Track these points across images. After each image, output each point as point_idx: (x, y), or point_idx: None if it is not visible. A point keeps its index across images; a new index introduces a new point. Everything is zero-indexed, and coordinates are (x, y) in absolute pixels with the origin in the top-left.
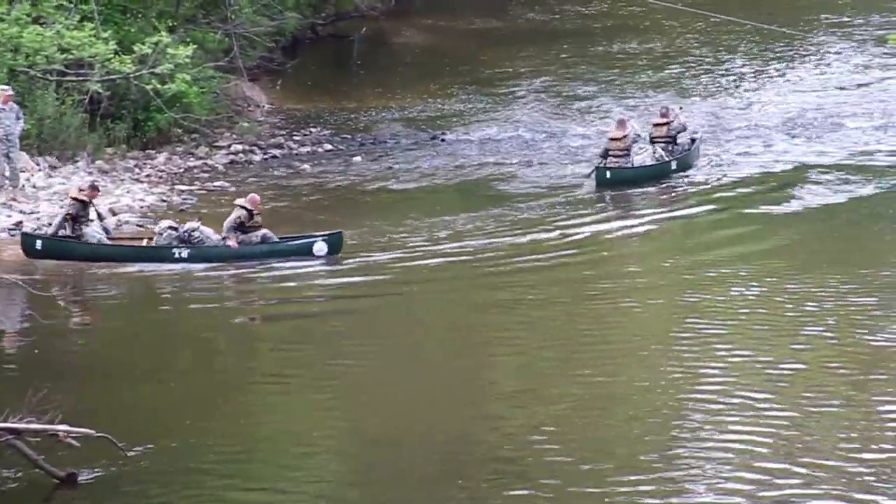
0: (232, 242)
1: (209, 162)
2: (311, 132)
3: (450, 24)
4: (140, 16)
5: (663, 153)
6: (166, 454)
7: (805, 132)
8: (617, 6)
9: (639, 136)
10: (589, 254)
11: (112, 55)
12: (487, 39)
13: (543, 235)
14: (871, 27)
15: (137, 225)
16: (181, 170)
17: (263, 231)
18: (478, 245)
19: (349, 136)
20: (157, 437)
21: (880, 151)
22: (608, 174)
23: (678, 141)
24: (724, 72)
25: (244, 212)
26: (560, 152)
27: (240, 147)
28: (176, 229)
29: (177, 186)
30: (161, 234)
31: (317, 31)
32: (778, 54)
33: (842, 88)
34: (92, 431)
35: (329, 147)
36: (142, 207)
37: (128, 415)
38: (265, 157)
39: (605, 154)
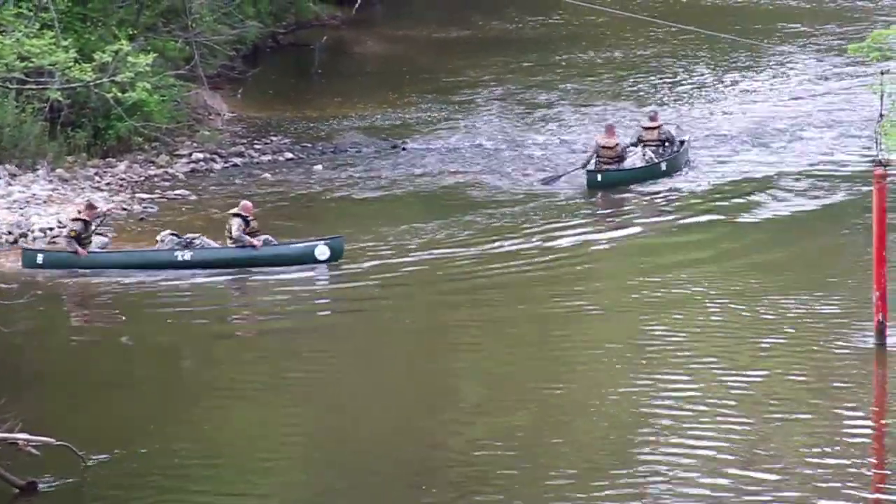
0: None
1: (170, 170)
2: (272, 141)
3: (411, 34)
4: (100, 24)
5: (653, 155)
6: (127, 462)
7: (765, 141)
8: (577, 16)
9: (627, 148)
10: (556, 263)
11: (72, 63)
12: (448, 48)
13: (509, 244)
14: (830, 36)
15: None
16: (142, 178)
17: (265, 236)
18: (443, 254)
19: (310, 145)
20: (118, 445)
21: (839, 161)
22: (599, 177)
23: (667, 145)
24: (683, 82)
25: (240, 220)
26: (521, 161)
27: (200, 155)
28: (178, 236)
29: (137, 195)
30: (163, 241)
31: (278, 39)
32: (737, 64)
33: (800, 98)
34: (52, 440)
35: (290, 155)
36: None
37: (89, 423)
38: (226, 165)
39: (595, 160)
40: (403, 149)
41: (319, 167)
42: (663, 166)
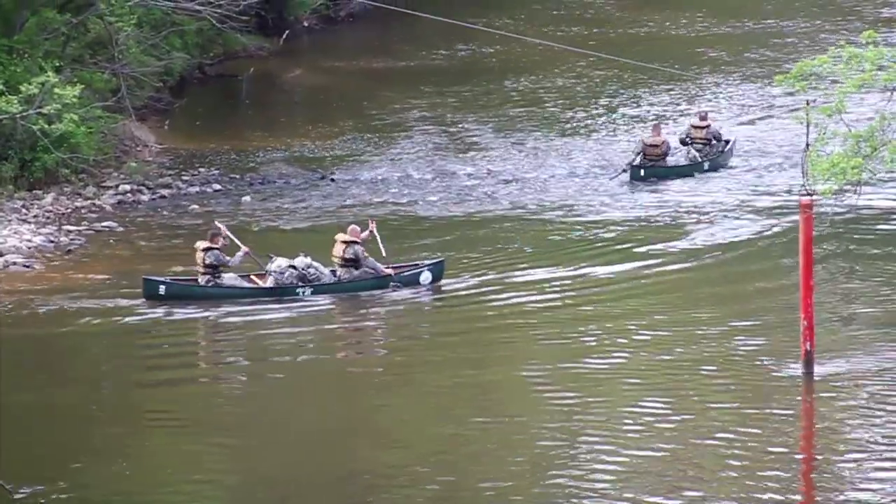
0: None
1: (97, 202)
2: (199, 172)
3: (338, 64)
4: (26, 56)
5: (696, 154)
6: (56, 495)
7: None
8: (505, 47)
9: (671, 147)
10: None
11: None
12: (376, 79)
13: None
14: (760, 64)
15: None
16: (69, 210)
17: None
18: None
19: (238, 176)
20: (48, 479)
21: (768, 190)
22: (642, 172)
23: (712, 144)
24: (611, 112)
25: (360, 247)
26: (449, 191)
27: (128, 187)
28: (295, 268)
29: (64, 227)
30: (282, 274)
31: (205, 70)
32: (666, 94)
33: (730, 126)
34: None
35: (218, 187)
36: (29, 248)
37: (17, 456)
38: (153, 197)
39: (641, 157)
40: (332, 179)
41: (247, 198)
42: (706, 165)
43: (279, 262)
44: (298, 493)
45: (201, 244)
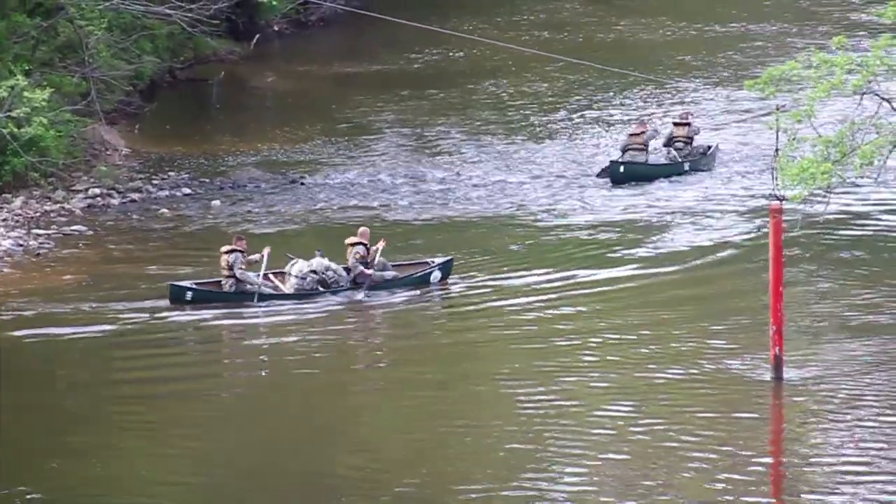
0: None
1: (66, 206)
2: (169, 176)
3: (309, 69)
4: None
5: (676, 154)
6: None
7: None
8: (477, 51)
9: (656, 131)
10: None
11: None
12: (347, 84)
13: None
14: (728, 69)
15: None
16: (38, 214)
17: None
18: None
19: (208, 180)
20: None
21: (738, 195)
22: (622, 169)
23: (693, 143)
24: (582, 116)
25: (362, 247)
26: (420, 195)
27: (98, 191)
28: (315, 272)
29: (34, 230)
30: (304, 280)
31: (175, 74)
32: (638, 99)
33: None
34: None
35: (188, 191)
36: None
37: None
38: (123, 201)
39: (625, 149)
40: (302, 184)
41: (218, 202)
42: (686, 165)
43: (300, 266)
44: (267, 494)
45: (225, 247)
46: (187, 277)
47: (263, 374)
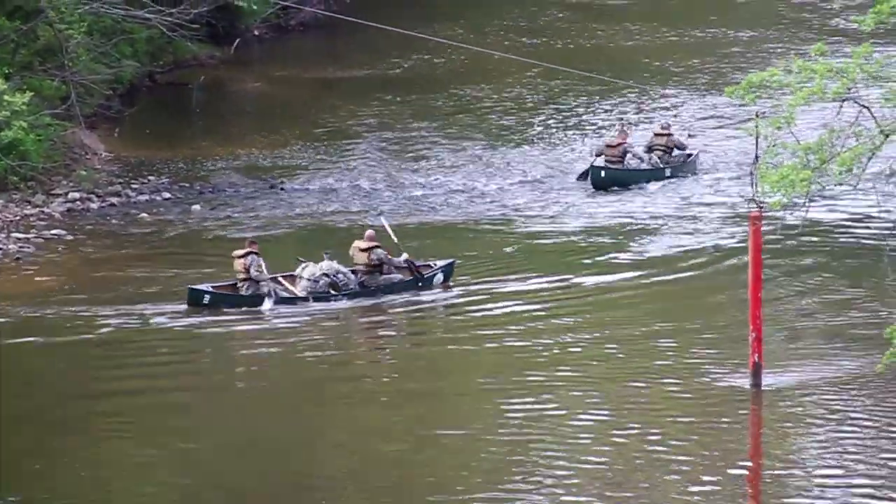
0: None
1: (46, 210)
2: (149, 180)
3: (289, 74)
4: None
5: (658, 160)
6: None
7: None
8: (459, 57)
9: (635, 155)
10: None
11: None
12: (327, 89)
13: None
14: (708, 75)
15: None
16: (17, 217)
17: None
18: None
19: (188, 185)
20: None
21: (718, 202)
22: (603, 174)
23: (673, 154)
24: (562, 122)
25: (381, 250)
26: (399, 200)
27: (77, 195)
28: (328, 275)
29: (13, 234)
30: (316, 283)
31: (155, 79)
32: (618, 105)
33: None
34: None
35: (167, 195)
36: None
37: None
38: (103, 205)
39: (599, 155)
40: (282, 189)
41: (197, 207)
42: (667, 171)
43: (311, 270)
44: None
45: (239, 251)
46: (169, 282)
47: (259, 371)
